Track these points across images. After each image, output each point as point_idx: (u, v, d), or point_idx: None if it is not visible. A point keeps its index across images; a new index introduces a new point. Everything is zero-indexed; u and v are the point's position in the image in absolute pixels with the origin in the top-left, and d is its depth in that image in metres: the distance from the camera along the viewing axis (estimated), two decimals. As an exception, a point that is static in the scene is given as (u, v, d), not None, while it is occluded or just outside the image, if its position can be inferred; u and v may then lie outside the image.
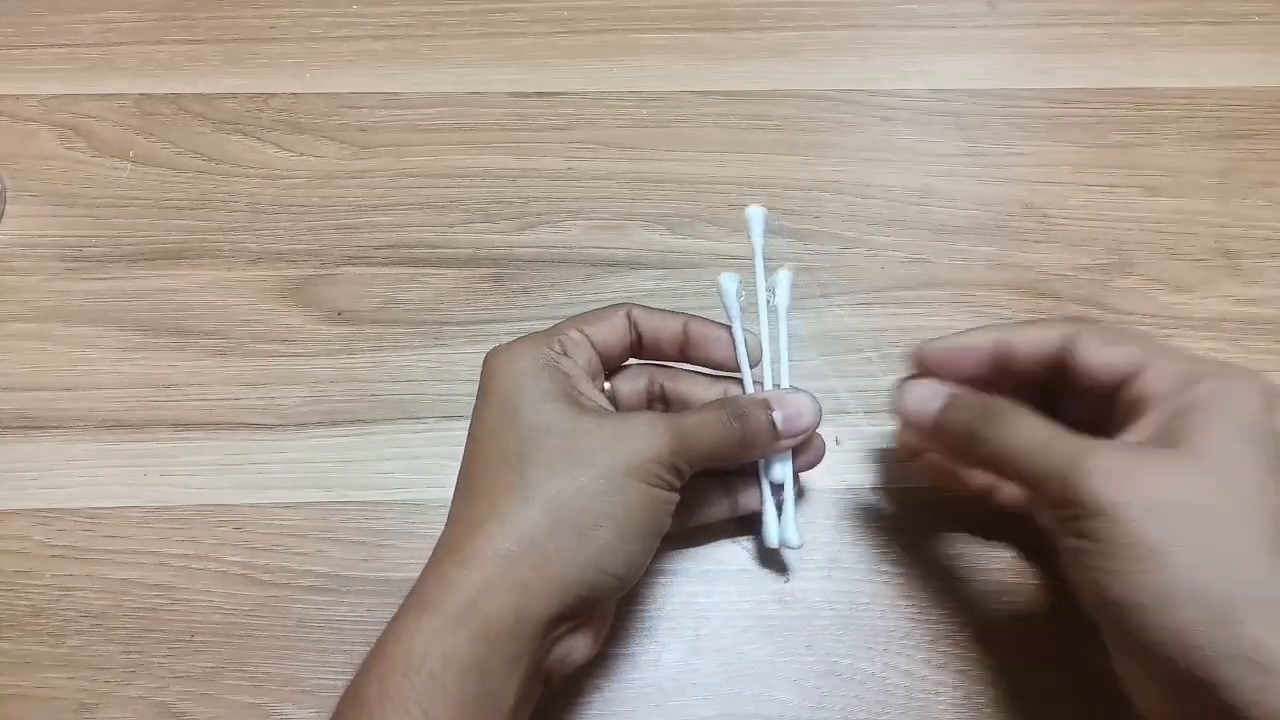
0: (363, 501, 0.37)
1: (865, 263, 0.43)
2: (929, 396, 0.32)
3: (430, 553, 0.30)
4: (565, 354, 0.32)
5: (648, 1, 0.50)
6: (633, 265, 0.43)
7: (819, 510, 0.37)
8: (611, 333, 0.33)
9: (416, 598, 0.28)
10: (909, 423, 0.32)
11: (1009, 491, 0.35)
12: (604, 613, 0.31)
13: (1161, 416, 0.28)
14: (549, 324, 0.33)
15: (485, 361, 0.32)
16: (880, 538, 0.37)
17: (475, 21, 0.49)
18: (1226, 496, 0.26)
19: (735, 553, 0.37)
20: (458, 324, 0.41)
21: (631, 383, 0.35)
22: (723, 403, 0.32)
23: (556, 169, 0.45)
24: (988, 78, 0.48)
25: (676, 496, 0.30)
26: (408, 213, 0.44)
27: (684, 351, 0.34)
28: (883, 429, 0.39)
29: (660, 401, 0.35)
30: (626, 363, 0.35)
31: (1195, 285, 0.43)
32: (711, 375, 0.35)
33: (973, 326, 0.33)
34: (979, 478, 0.35)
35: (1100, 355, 0.30)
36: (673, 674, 0.35)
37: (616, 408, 0.34)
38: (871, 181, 0.45)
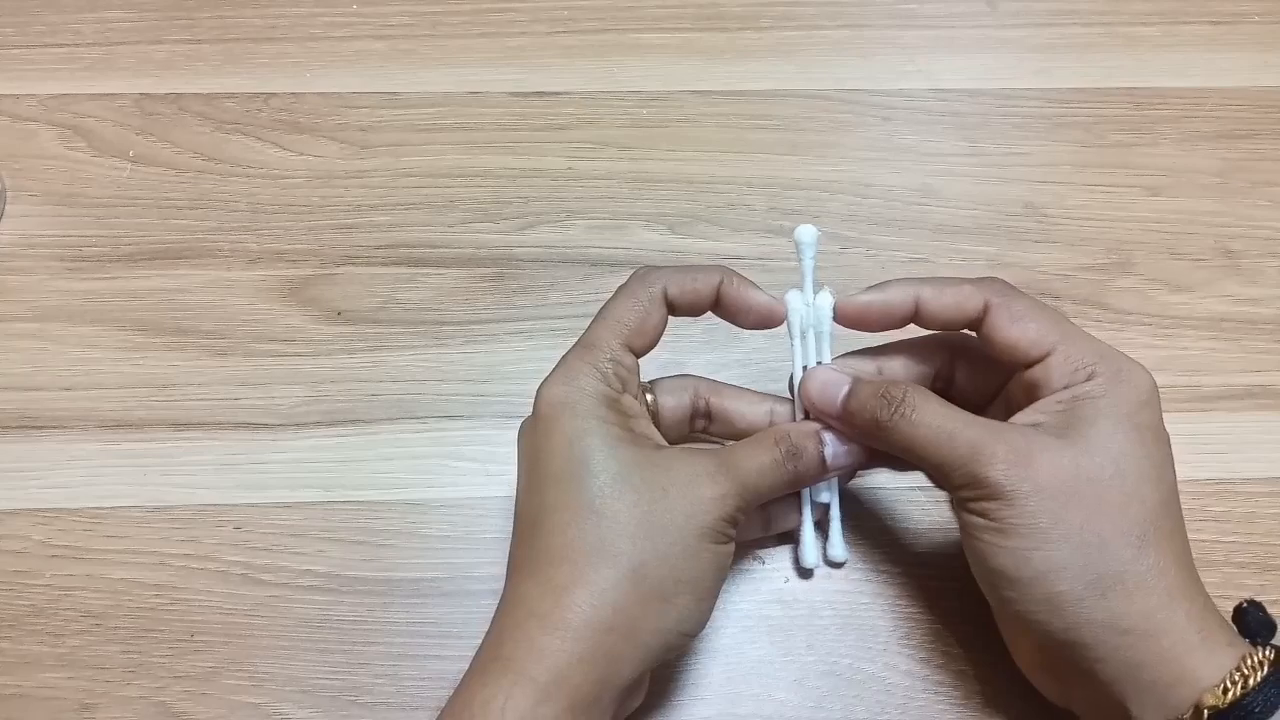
0: (362, 501, 0.37)
1: (865, 262, 0.43)
2: (834, 383, 0.32)
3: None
4: (624, 389, 0.32)
5: (648, 1, 0.50)
6: (633, 265, 0.42)
7: (819, 510, 0.38)
8: (652, 332, 0.33)
9: (504, 663, 0.28)
10: (815, 410, 0.33)
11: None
12: None
13: (1057, 404, 0.30)
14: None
15: (540, 397, 0.31)
16: (880, 538, 0.37)
17: (475, 21, 0.49)
18: (1107, 485, 0.29)
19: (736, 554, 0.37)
20: (457, 324, 0.41)
21: (675, 397, 0.34)
22: (776, 439, 0.31)
23: (556, 169, 0.45)
24: (988, 77, 0.48)
25: (733, 545, 0.31)
26: (407, 212, 0.44)
27: (715, 310, 0.33)
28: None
29: (704, 417, 0.35)
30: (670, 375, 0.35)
31: (1195, 285, 0.43)
32: (757, 393, 0.35)
33: (890, 279, 0.33)
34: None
35: (1009, 334, 0.31)
36: (673, 673, 0.34)
37: (658, 424, 0.34)
38: (871, 181, 0.45)
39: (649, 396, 0.34)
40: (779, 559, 0.37)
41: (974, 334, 0.33)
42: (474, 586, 0.35)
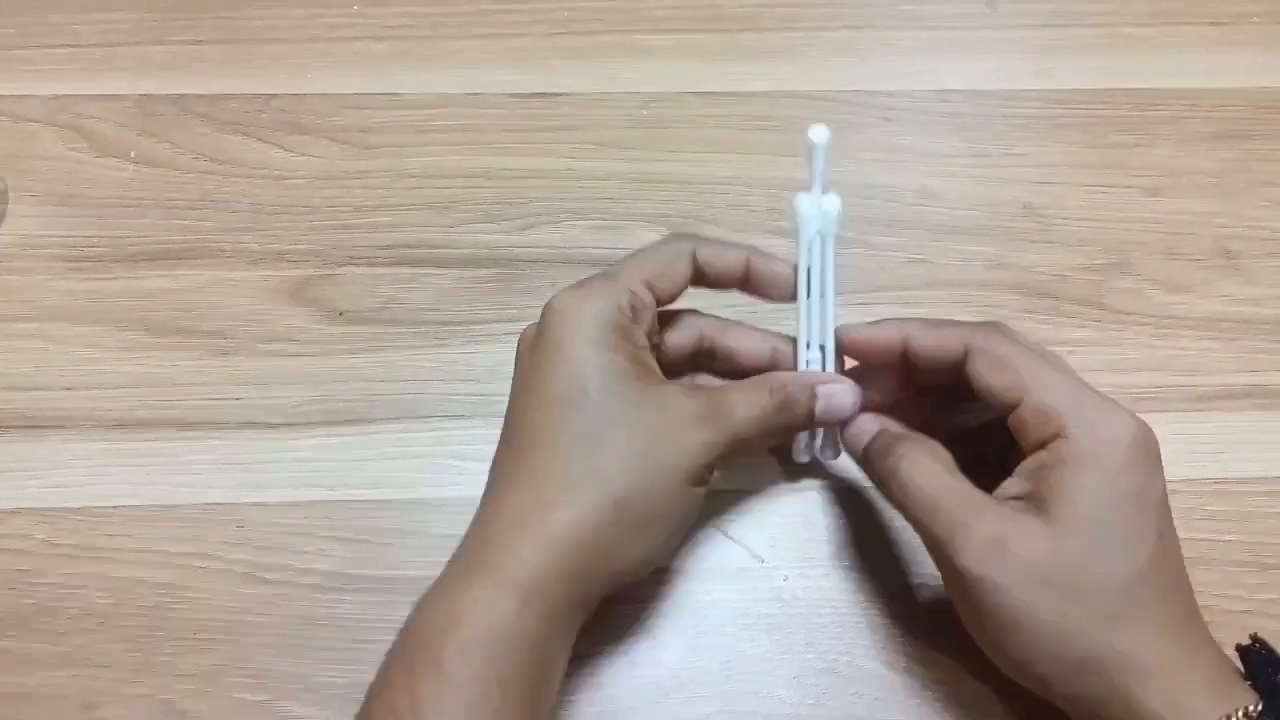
0: (365, 500, 0.38)
1: (865, 263, 0.43)
2: (865, 430, 0.34)
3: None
4: (635, 321, 0.32)
5: (649, 2, 0.50)
6: (633, 265, 0.43)
7: (819, 510, 0.38)
8: (674, 282, 0.33)
9: (489, 568, 0.29)
10: (850, 451, 0.35)
11: None
12: None
13: (1034, 469, 0.30)
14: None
15: (550, 311, 0.31)
16: (880, 537, 0.37)
17: (476, 22, 0.49)
18: (1080, 570, 0.29)
19: (735, 552, 0.37)
20: (459, 324, 0.41)
21: (680, 334, 0.35)
22: (769, 389, 0.32)
23: (557, 169, 0.45)
24: (987, 79, 0.48)
25: (706, 488, 0.32)
26: (409, 213, 0.44)
27: (743, 287, 0.34)
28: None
29: (707, 357, 0.35)
30: (676, 308, 0.35)
31: (1193, 285, 0.43)
32: (762, 331, 0.35)
33: (887, 318, 0.34)
34: None
35: (983, 381, 0.31)
36: (672, 672, 0.35)
37: (661, 361, 0.34)
38: (871, 182, 0.45)
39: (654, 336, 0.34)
40: (779, 558, 0.37)
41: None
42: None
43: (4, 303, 0.42)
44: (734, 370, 0.35)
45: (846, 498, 0.38)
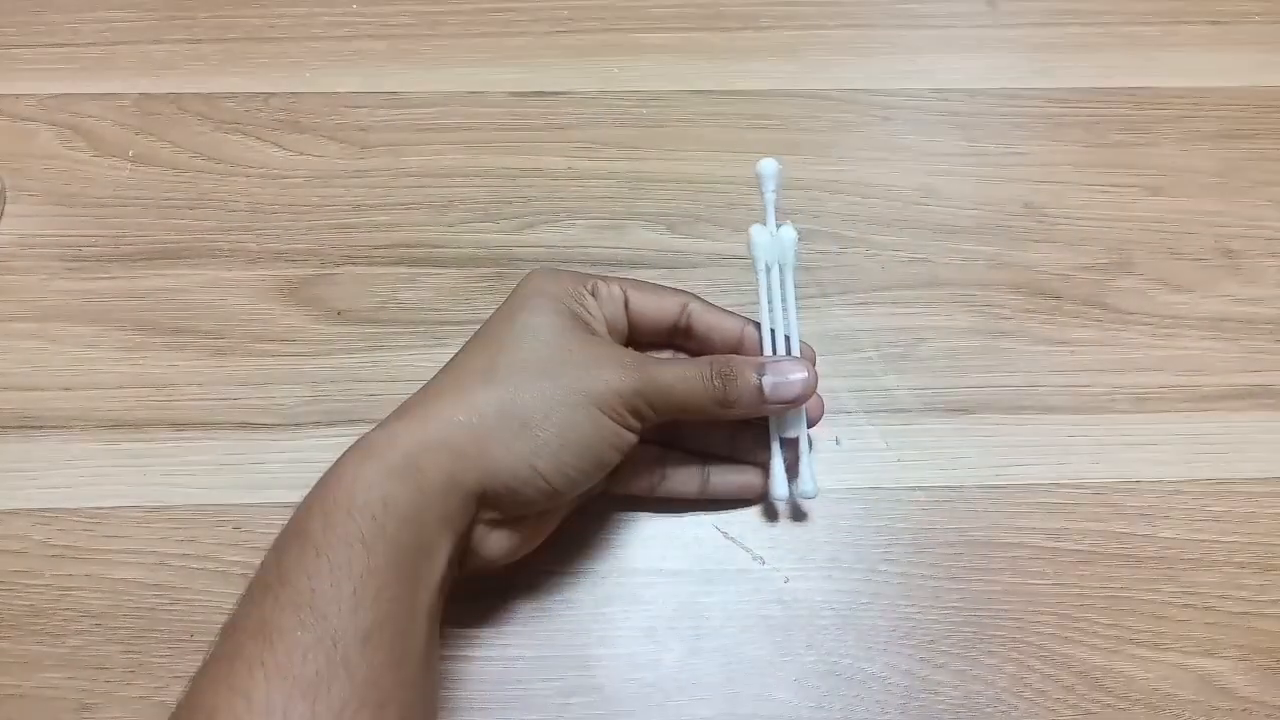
0: (362, 501, 0.37)
1: (865, 262, 0.43)
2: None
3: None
4: (593, 296, 0.34)
5: (648, 1, 0.50)
6: (633, 265, 0.43)
7: (819, 510, 0.38)
8: (656, 311, 0.35)
9: (360, 446, 0.30)
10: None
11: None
12: (532, 523, 0.33)
13: None
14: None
15: (525, 277, 0.34)
16: (880, 538, 0.37)
17: (475, 21, 0.49)
18: None
19: (735, 553, 0.37)
20: (457, 324, 0.41)
21: (668, 302, 0.35)
22: (712, 360, 0.32)
23: (556, 169, 0.45)
24: (988, 77, 0.48)
25: (632, 437, 0.32)
26: (408, 212, 0.44)
27: (736, 353, 0.35)
28: (883, 429, 0.39)
29: (684, 335, 0.36)
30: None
31: (1195, 285, 0.43)
32: (744, 320, 0.36)
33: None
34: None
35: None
36: (673, 674, 0.35)
37: (640, 327, 0.35)
38: (872, 181, 0.45)
39: (627, 293, 0.35)
40: (780, 560, 0.37)
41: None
42: (472, 585, 0.35)
43: (1, 302, 0.41)
44: (707, 353, 0.35)
45: (847, 499, 0.38)
